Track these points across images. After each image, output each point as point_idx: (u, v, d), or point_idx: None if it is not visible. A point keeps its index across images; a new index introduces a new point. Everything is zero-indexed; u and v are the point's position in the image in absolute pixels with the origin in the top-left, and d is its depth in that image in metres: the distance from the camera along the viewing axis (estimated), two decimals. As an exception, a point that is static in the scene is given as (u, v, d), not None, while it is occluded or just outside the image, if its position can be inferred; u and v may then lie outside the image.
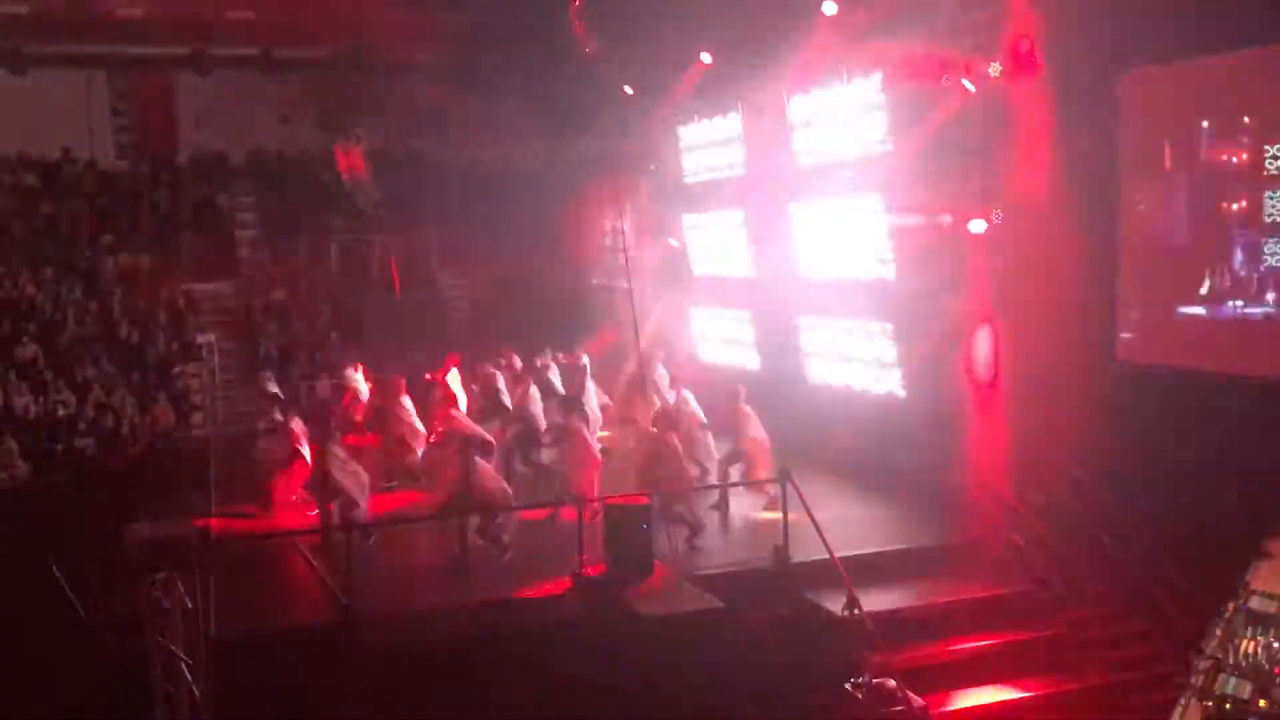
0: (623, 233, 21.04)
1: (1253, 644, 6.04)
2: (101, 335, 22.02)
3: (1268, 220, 11.08)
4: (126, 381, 20.77)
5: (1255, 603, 6.38)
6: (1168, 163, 12.01)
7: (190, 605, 9.64)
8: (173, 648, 9.16)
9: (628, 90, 21.15)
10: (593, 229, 25.88)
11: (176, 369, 21.56)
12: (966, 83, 13.48)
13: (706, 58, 18.67)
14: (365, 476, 13.33)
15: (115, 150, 26.02)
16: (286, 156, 26.78)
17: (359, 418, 17.01)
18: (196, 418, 20.98)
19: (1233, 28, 10.79)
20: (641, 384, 16.95)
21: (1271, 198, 11.00)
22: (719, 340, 20.66)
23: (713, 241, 20.34)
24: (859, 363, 16.79)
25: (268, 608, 11.06)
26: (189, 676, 9.17)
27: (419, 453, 15.39)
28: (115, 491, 15.36)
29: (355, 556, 10.75)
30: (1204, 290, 11.73)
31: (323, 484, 13.12)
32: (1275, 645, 5.96)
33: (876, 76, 15.16)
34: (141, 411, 19.97)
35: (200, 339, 22.64)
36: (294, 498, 14.36)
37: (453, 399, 15.62)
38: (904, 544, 12.53)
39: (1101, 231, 12.61)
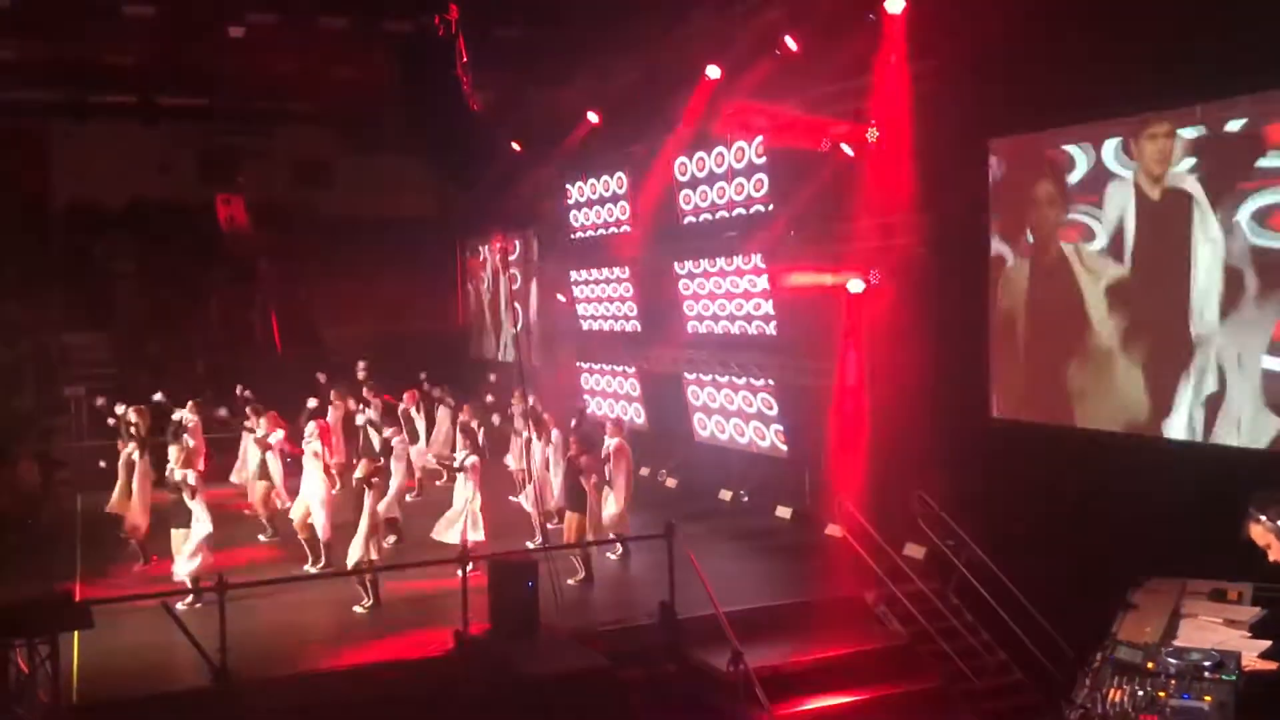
0: (511, 287, 21.01)
1: (1119, 693, 6.19)
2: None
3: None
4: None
5: (1121, 653, 6.57)
6: (1028, 224, 12.44)
7: (51, 672, 9.24)
8: (31, 718, 8.75)
9: (515, 146, 21.26)
10: (480, 283, 25.85)
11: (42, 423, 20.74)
12: (845, 147, 13.88)
13: (594, 117, 18.87)
14: None
15: (-17, 196, 25.06)
16: (166, 206, 26.10)
17: None
18: (62, 474, 20.14)
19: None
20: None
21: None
22: (607, 395, 20.70)
23: (600, 297, 20.45)
24: (743, 418, 17.01)
25: (135, 673, 10.63)
26: (49, 747, 8.78)
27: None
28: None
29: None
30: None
31: None
32: (1139, 693, 6.13)
33: (758, 139, 15.54)
34: (2, 467, 19.11)
35: (69, 391, 21.82)
36: None
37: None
38: (788, 598, 12.63)
39: (975, 290, 12.99)
